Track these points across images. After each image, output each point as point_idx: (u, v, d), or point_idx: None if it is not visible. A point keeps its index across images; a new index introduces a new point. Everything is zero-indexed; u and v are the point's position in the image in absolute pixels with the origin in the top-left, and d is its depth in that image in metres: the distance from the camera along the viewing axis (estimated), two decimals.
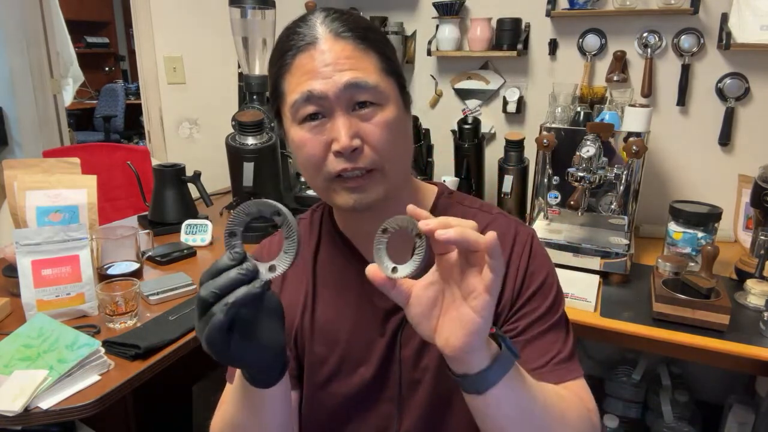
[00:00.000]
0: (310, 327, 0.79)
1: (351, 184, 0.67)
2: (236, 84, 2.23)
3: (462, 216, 0.74)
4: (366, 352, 0.76)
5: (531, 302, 0.73)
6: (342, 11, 0.69)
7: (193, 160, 1.93)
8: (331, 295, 0.78)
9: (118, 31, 6.32)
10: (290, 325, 0.79)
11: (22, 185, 1.37)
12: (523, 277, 0.74)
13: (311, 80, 0.64)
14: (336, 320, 0.78)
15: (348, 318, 0.77)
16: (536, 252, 0.76)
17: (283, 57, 0.67)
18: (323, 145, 0.66)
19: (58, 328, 1.05)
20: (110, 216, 1.95)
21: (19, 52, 2.62)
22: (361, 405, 0.78)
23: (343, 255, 0.78)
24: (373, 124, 0.65)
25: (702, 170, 1.80)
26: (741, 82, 1.68)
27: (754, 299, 1.30)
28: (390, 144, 0.66)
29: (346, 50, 0.65)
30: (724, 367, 1.26)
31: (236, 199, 1.70)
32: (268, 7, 1.80)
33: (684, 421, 1.66)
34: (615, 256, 1.43)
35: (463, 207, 0.80)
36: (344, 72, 0.64)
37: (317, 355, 0.78)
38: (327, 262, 0.80)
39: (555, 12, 1.80)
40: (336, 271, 0.79)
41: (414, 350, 0.74)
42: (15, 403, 0.87)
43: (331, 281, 0.79)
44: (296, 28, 0.67)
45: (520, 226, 0.78)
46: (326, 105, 0.65)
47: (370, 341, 0.76)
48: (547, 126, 1.57)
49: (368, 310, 0.76)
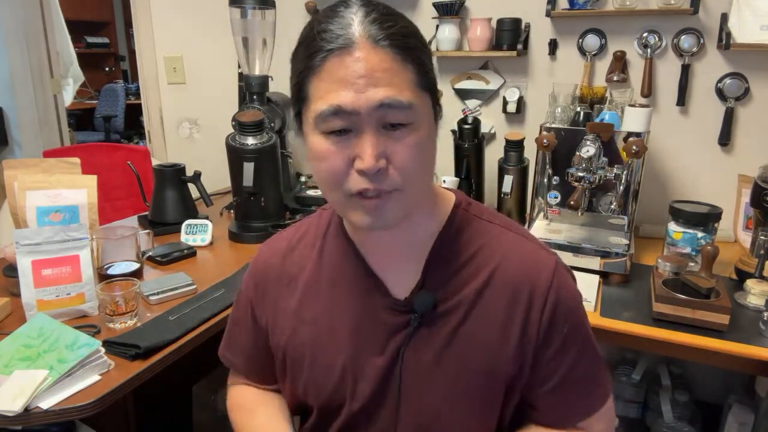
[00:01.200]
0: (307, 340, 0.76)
1: (369, 204, 0.61)
2: (236, 84, 2.23)
3: (478, 230, 0.72)
4: (366, 373, 0.72)
5: (552, 362, 0.70)
6: (383, 8, 0.61)
7: (193, 160, 1.93)
8: (332, 307, 0.75)
9: (118, 31, 6.32)
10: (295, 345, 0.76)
11: (22, 185, 1.37)
12: (543, 336, 0.69)
13: (341, 91, 0.58)
14: (335, 334, 0.74)
15: (350, 332, 0.73)
16: (559, 301, 0.69)
17: (312, 58, 0.60)
18: (347, 160, 0.60)
19: (58, 328, 1.05)
20: (110, 216, 1.95)
21: (19, 52, 2.62)
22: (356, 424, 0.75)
23: (352, 266, 0.74)
24: (403, 144, 0.60)
25: (702, 170, 1.80)
26: (741, 82, 1.68)
27: (754, 299, 1.30)
28: (417, 165, 0.61)
29: (384, 61, 0.58)
30: (723, 367, 1.26)
31: (236, 199, 1.71)
32: (268, 7, 1.80)
33: (684, 421, 1.66)
34: (615, 256, 1.44)
35: (480, 222, 0.74)
36: (378, 88, 0.57)
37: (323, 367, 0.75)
38: (333, 273, 0.76)
39: (555, 12, 1.80)
40: (341, 282, 0.75)
41: (418, 374, 0.70)
42: (15, 403, 0.87)
43: (334, 292, 0.75)
44: (329, 25, 0.59)
45: (543, 261, 0.71)
46: (355, 121, 0.59)
47: (370, 359, 0.72)
48: (547, 126, 1.57)
49: (372, 325, 0.72)
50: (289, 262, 0.78)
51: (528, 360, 0.70)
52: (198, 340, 1.13)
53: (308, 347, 0.75)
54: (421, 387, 0.70)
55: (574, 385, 0.72)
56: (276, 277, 0.79)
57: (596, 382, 0.75)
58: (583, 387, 0.74)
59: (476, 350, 0.69)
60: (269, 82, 1.90)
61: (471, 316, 0.69)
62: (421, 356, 0.70)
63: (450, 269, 0.70)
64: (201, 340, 1.14)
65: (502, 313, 0.69)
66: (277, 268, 0.79)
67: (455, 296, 0.70)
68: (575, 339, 0.71)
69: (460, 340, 0.69)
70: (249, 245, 1.64)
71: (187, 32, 2.28)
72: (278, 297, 0.78)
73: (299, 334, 0.76)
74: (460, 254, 0.71)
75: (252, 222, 1.70)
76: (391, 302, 0.71)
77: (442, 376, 0.70)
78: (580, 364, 0.72)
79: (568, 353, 0.71)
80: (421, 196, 0.67)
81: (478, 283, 0.69)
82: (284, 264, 0.79)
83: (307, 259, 0.77)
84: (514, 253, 0.71)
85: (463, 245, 0.71)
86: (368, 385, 0.72)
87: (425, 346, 0.70)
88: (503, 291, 0.69)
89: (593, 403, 0.75)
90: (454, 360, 0.69)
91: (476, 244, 0.71)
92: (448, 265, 0.71)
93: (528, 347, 0.69)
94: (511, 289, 0.69)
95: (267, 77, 1.87)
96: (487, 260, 0.70)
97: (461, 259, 0.71)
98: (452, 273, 0.70)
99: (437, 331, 0.70)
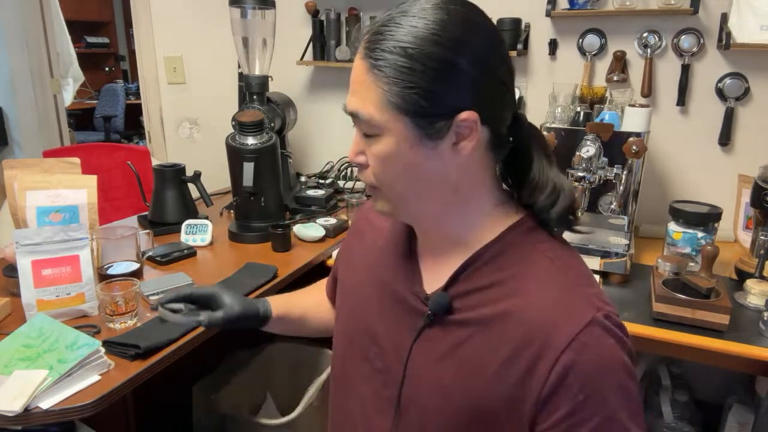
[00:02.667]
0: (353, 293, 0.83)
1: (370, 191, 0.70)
2: (236, 84, 2.23)
3: (524, 257, 0.67)
4: (386, 342, 0.75)
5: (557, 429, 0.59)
6: (396, 18, 0.61)
7: (193, 160, 1.93)
8: (380, 275, 0.79)
9: (118, 31, 6.32)
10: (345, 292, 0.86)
11: (22, 185, 1.37)
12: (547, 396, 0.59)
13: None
14: (372, 299, 0.79)
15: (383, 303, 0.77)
16: (576, 363, 0.58)
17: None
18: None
19: (58, 328, 1.04)
20: (110, 216, 1.95)
21: (19, 52, 2.62)
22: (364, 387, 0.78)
23: (404, 245, 0.78)
24: (371, 151, 0.65)
25: (702, 170, 1.80)
26: (741, 82, 1.68)
27: (754, 299, 1.30)
28: (384, 175, 0.66)
29: (360, 74, 0.63)
30: (724, 367, 1.26)
31: (236, 199, 1.71)
32: (268, 7, 1.80)
33: (684, 421, 1.66)
34: (615, 256, 1.44)
35: (534, 249, 0.67)
36: (353, 97, 0.64)
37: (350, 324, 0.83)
38: (391, 245, 0.80)
39: (555, 12, 1.80)
40: (394, 256, 0.79)
41: (420, 370, 0.70)
42: (15, 402, 0.87)
43: (384, 262, 0.79)
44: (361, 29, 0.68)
45: (577, 311, 0.60)
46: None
47: (393, 333, 0.75)
48: (547, 126, 1.57)
49: (401, 305, 0.75)
50: (374, 224, 0.86)
51: (524, 414, 0.61)
52: (198, 340, 1.13)
53: (348, 303, 0.84)
54: (420, 384, 0.71)
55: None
56: (360, 230, 0.89)
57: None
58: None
59: (472, 372, 0.65)
60: (269, 82, 1.90)
61: (477, 337, 0.66)
62: (425, 354, 0.71)
63: (477, 284, 0.67)
64: (201, 340, 1.13)
65: (509, 349, 0.62)
66: (365, 223, 0.88)
67: (470, 312, 0.67)
68: (593, 412, 0.58)
69: (460, 355, 0.67)
70: (249, 245, 1.64)
71: (187, 32, 2.28)
72: (356, 248, 0.87)
73: (350, 288, 0.84)
74: (493, 273, 0.67)
75: (252, 222, 1.70)
76: (418, 290, 0.73)
77: (439, 382, 0.69)
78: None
79: (580, 427, 0.58)
80: (408, 208, 0.69)
81: (498, 309, 0.65)
82: (369, 224, 0.87)
83: (382, 229, 0.83)
84: (549, 291, 0.63)
85: (501, 265, 0.67)
86: (383, 358, 0.76)
87: (431, 346, 0.70)
88: (516, 330, 0.62)
89: None
90: (451, 371, 0.67)
91: (515, 270, 0.66)
92: (478, 280, 0.68)
93: (527, 399, 0.61)
94: (524, 331, 0.62)
95: (267, 77, 1.87)
96: (518, 290, 0.65)
97: (493, 278, 0.67)
98: (478, 288, 0.67)
99: (444, 337, 0.69)
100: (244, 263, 1.46)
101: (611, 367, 0.59)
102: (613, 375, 0.59)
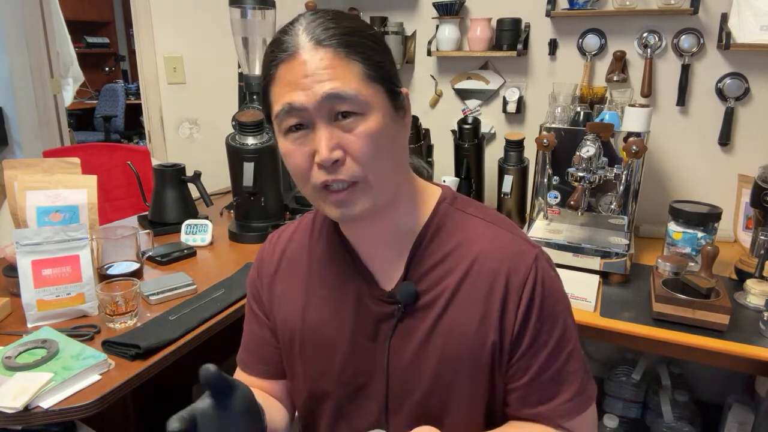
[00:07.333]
0: (301, 326, 0.79)
1: (336, 198, 0.66)
2: (236, 84, 2.23)
3: (460, 224, 0.75)
4: (358, 358, 0.76)
5: (525, 357, 0.71)
6: (329, 14, 0.66)
7: (193, 160, 1.93)
8: (326, 295, 0.78)
9: (118, 31, 6.32)
10: (292, 331, 0.80)
11: (22, 185, 1.37)
12: (519, 328, 0.70)
13: (292, 92, 0.63)
14: (329, 321, 0.77)
15: (342, 320, 0.77)
16: (536, 293, 0.70)
17: (269, 67, 0.67)
18: (307, 156, 0.65)
19: (63, 341, 1.05)
20: (110, 216, 1.95)
21: (19, 52, 2.62)
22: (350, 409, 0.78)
23: (341, 256, 0.78)
24: (355, 135, 0.63)
25: (702, 170, 1.80)
26: (741, 82, 1.68)
27: (754, 299, 1.30)
28: (373, 155, 0.64)
29: (325, 59, 0.63)
30: (723, 367, 1.26)
31: (236, 199, 1.71)
32: (268, 7, 1.80)
33: (684, 421, 1.66)
34: (615, 256, 1.44)
35: (464, 215, 0.76)
36: (324, 83, 0.62)
37: (310, 358, 0.79)
38: (324, 262, 0.80)
39: (555, 12, 1.80)
40: (332, 272, 0.79)
41: (404, 363, 0.74)
42: (17, 400, 0.87)
43: (326, 282, 0.79)
44: (282, 36, 0.66)
45: (522, 253, 0.72)
46: (307, 116, 0.64)
47: (362, 346, 0.76)
48: (547, 126, 1.57)
49: (362, 314, 0.76)
50: (288, 252, 0.83)
51: (506, 351, 0.71)
52: (198, 340, 1.13)
53: (308, 334, 0.79)
54: (408, 375, 0.73)
55: (551, 380, 0.72)
56: (275, 268, 0.84)
57: (574, 380, 0.73)
58: (560, 382, 0.72)
59: (457, 340, 0.71)
60: None
61: (451, 306, 0.71)
62: (406, 346, 0.73)
63: (432, 261, 0.73)
64: (201, 340, 1.14)
65: (481, 304, 0.70)
66: (277, 259, 0.84)
67: (436, 287, 0.72)
68: (552, 333, 0.71)
69: (441, 330, 0.71)
70: (249, 245, 1.64)
71: (187, 32, 2.28)
72: (277, 285, 0.83)
73: (299, 320, 0.80)
74: (442, 246, 0.73)
75: (252, 222, 1.70)
76: (378, 293, 0.75)
77: (427, 365, 0.72)
78: (556, 360, 0.71)
79: (544, 347, 0.71)
80: (389, 187, 0.69)
81: (458, 274, 0.71)
82: (283, 254, 0.84)
83: (304, 249, 0.82)
84: (494, 244, 0.72)
85: (445, 238, 0.74)
86: (361, 371, 0.76)
87: (410, 336, 0.73)
88: (482, 282, 0.71)
89: (573, 401, 0.72)
90: (437, 350, 0.72)
91: (458, 237, 0.73)
92: (431, 258, 0.73)
93: (505, 338, 0.70)
94: (489, 279, 0.71)
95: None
96: (468, 252, 0.72)
97: (443, 251, 0.73)
98: (434, 265, 0.73)
99: (420, 321, 0.72)
100: (244, 263, 1.46)
101: (558, 294, 0.73)
102: (561, 300, 0.73)
